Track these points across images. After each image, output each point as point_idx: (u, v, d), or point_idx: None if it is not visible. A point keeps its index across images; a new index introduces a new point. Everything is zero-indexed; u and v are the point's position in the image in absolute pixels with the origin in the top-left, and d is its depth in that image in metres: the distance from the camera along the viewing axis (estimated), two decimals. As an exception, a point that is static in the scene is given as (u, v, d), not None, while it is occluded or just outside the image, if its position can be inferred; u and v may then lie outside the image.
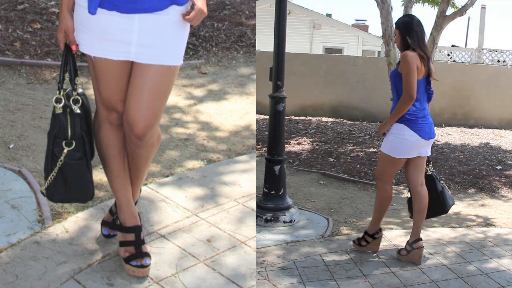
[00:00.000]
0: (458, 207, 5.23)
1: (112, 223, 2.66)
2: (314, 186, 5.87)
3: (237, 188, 3.23)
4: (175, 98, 3.99)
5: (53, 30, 4.81)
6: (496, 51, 13.29)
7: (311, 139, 8.38)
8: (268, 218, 4.36)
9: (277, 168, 4.48)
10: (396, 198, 5.45)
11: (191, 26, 2.38)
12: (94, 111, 2.46)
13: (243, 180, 3.31)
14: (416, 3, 9.69)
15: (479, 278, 3.39)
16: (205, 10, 2.25)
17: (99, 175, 3.04)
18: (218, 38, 4.94)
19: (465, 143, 8.48)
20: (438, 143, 8.37)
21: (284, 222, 4.38)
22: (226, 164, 3.48)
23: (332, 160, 6.98)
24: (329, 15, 21.16)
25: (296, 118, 10.60)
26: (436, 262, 3.64)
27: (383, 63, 9.17)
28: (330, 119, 10.61)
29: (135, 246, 2.51)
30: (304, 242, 3.98)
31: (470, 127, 10.54)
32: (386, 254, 3.76)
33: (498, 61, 13.17)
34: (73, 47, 2.28)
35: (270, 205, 4.43)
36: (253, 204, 3.10)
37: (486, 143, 8.62)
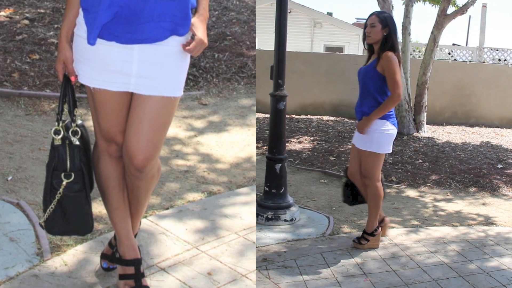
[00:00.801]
0: (459, 205, 5.23)
1: (112, 256, 2.62)
2: (315, 184, 5.87)
3: (238, 221, 3.20)
4: (175, 129, 3.94)
5: (52, 61, 4.72)
6: (497, 50, 13.29)
7: (312, 138, 8.38)
8: (269, 216, 4.36)
9: (278, 166, 4.48)
10: (397, 197, 5.45)
11: (191, 57, 2.34)
12: (93, 143, 2.42)
13: (244, 213, 3.28)
14: (417, 1, 9.69)
15: (480, 277, 3.39)
16: (206, 40, 2.22)
17: (98, 208, 3.00)
18: (219, 69, 4.87)
19: (466, 142, 8.48)
20: (439, 141, 8.37)
21: (285, 220, 4.38)
22: (227, 197, 3.45)
23: (333, 158, 6.98)
24: (329, 14, 21.14)
25: (297, 116, 10.60)
26: (437, 260, 3.64)
27: (384, 61, 9.15)
28: (331, 118, 10.61)
29: (135, 280, 2.47)
30: (305, 240, 3.98)
31: (471, 125, 10.54)
32: (387, 253, 3.76)
33: (499, 59, 13.16)
34: (72, 78, 2.24)
35: (271, 203, 4.43)
36: (253, 237, 3.08)
37: (487, 141, 8.61)
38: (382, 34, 3.58)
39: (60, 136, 2.24)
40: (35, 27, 5.29)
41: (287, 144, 7.46)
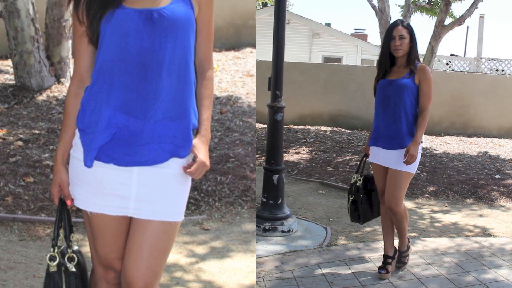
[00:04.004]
0: (456, 216, 5.23)
1: None
2: (313, 195, 5.87)
3: None
4: (175, 255, 3.84)
5: (47, 184, 4.55)
6: (495, 60, 13.35)
7: (309, 148, 8.39)
8: (266, 227, 4.35)
9: (275, 177, 4.48)
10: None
11: (193, 180, 2.25)
12: (90, 269, 2.33)
13: None
14: (414, 12, 9.74)
15: (477, 288, 3.39)
16: (208, 162, 2.14)
17: (95, 337, 2.92)
18: (221, 193, 4.66)
19: (463, 152, 8.49)
20: (437, 152, 8.38)
21: (282, 231, 4.37)
22: None
23: (331, 169, 6.99)
24: (328, 25, 21.22)
25: (295, 127, 10.62)
26: (434, 272, 3.64)
27: (382, 72, 9.17)
28: (329, 128, 10.63)
29: None
30: (302, 252, 3.98)
31: (469, 136, 10.56)
32: (384, 264, 3.75)
33: (497, 70, 13.22)
34: (68, 202, 2.16)
35: (268, 214, 4.43)
36: None
37: (485, 152, 8.63)
38: (409, 46, 3.38)
39: (55, 263, 2.15)
40: (30, 148, 5.07)
41: (285, 154, 7.47)
